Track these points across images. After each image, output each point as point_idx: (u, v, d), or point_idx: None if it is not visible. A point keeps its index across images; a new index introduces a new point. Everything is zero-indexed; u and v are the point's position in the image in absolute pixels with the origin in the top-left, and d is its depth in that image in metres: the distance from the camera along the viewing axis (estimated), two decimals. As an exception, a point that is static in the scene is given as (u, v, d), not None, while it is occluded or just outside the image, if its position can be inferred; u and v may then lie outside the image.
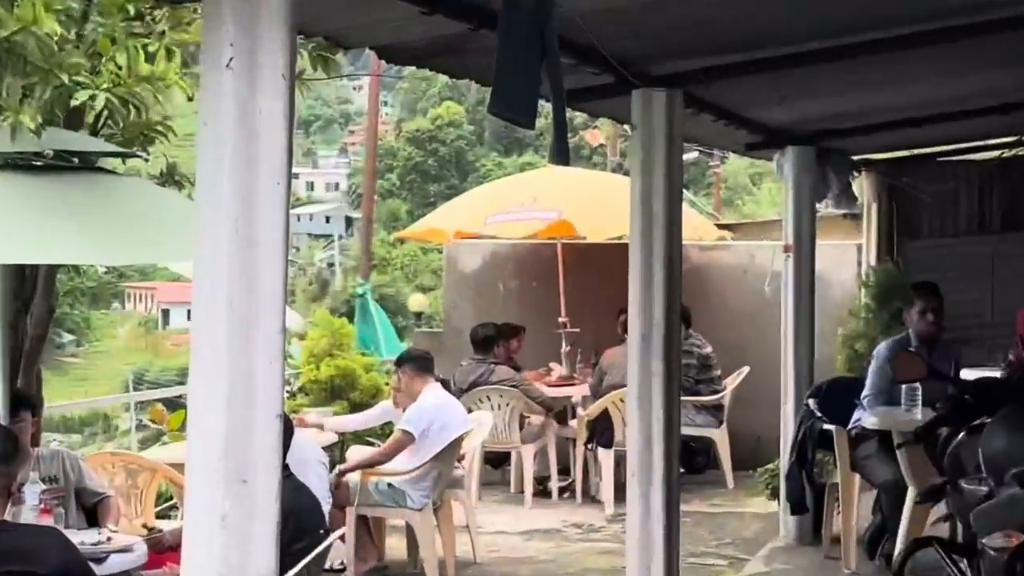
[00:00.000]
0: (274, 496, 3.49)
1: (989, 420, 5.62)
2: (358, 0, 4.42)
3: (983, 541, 4.86)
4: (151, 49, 7.18)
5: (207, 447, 3.42)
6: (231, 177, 3.37)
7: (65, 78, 7.04)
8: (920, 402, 8.04)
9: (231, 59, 3.34)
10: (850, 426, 8.86)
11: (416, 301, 18.74)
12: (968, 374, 7.44)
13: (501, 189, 16.21)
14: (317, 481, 7.59)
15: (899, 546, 7.71)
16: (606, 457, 11.30)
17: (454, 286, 14.93)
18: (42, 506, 6.30)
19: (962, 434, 6.16)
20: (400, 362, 9.97)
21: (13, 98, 7.08)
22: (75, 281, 33.75)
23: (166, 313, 73.12)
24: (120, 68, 7.14)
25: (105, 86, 7.14)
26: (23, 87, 7.02)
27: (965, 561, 5.44)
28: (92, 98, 7.21)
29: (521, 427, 11.61)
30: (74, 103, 7.18)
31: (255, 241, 3.38)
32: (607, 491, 11.28)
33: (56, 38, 6.73)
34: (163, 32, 7.43)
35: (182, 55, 7.37)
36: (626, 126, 6.83)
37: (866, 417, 8.63)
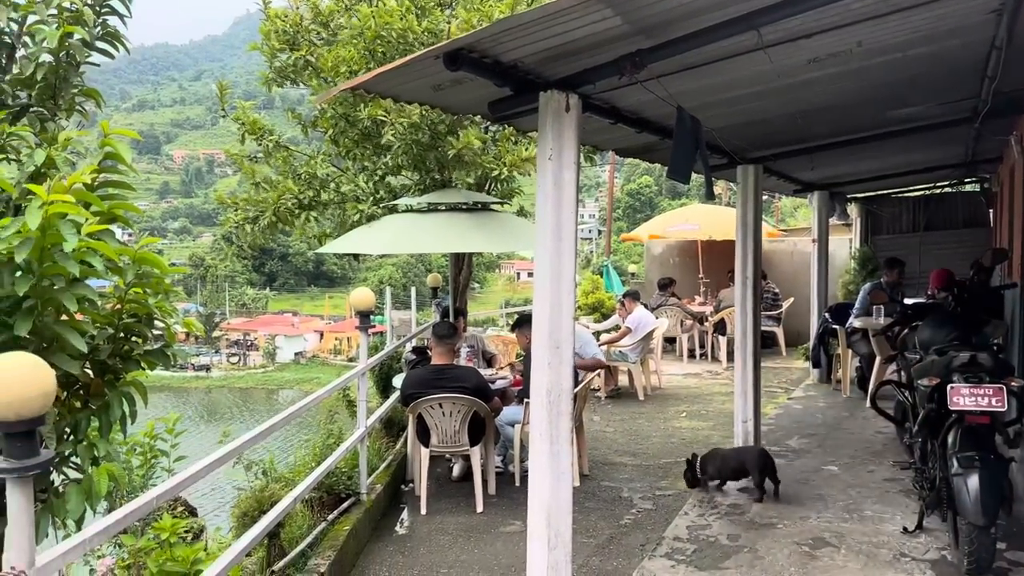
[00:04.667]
0: (570, 353, 3.51)
1: (920, 323, 5.24)
2: (606, 128, 4.35)
3: (918, 382, 4.52)
4: (508, 160, 7.28)
5: (541, 330, 3.46)
6: (551, 211, 3.39)
7: (480, 171, 7.25)
8: (883, 314, 7.58)
9: (551, 155, 3.37)
10: (847, 326, 8.31)
11: (631, 267, 18.40)
12: (909, 301, 6.88)
13: (671, 215, 15.62)
14: (591, 348, 7.58)
15: (872, 384, 7.24)
16: (723, 340, 10.91)
17: (649, 260, 14.54)
18: (467, 358, 6.55)
19: (906, 330, 5.81)
20: (625, 295, 9.94)
21: (463, 181, 7.36)
22: (480, 259, 34.82)
23: (518, 275, 74.40)
24: (504, 164, 7.28)
25: (505, 172, 7.31)
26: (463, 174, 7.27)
27: (907, 392, 5.07)
28: (496, 177, 7.39)
29: (681, 325, 11.32)
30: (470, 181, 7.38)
31: (561, 239, 3.40)
32: (723, 356, 10.90)
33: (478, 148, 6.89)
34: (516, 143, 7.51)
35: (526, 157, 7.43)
36: (733, 183, 6.53)
37: (855, 321, 8.11)
